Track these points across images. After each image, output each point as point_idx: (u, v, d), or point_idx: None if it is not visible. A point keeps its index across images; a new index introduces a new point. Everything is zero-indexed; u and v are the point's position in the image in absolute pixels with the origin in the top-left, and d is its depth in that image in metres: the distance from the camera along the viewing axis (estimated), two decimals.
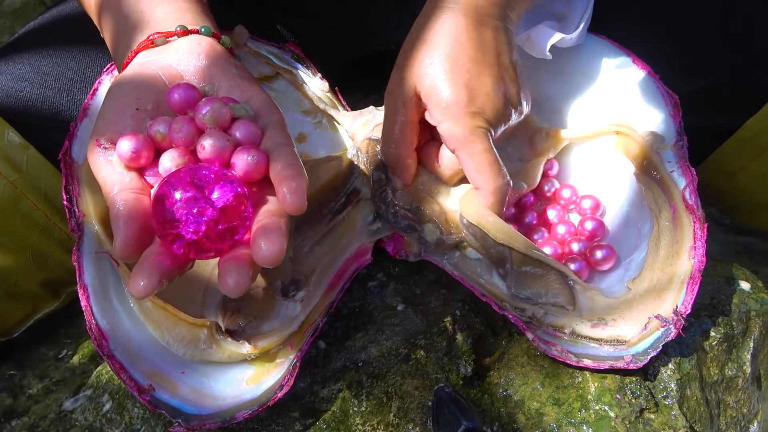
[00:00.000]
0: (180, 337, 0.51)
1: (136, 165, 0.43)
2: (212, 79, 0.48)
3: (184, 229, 0.39)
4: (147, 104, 0.45)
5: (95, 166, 0.44)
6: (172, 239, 0.39)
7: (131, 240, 0.40)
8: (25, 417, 0.60)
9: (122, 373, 0.48)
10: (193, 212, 0.39)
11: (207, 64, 0.48)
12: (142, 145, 0.43)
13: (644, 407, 0.51)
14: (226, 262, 0.39)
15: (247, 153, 0.42)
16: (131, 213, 0.41)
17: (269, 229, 0.39)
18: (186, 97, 0.45)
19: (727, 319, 0.56)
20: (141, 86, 0.46)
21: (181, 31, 0.49)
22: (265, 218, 0.40)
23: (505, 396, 0.53)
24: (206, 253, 0.40)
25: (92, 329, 0.49)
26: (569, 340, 0.52)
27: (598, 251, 0.57)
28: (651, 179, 0.57)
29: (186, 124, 0.43)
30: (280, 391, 0.49)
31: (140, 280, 0.38)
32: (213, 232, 0.39)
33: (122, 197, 0.42)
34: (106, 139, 0.44)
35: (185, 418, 0.47)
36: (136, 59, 0.48)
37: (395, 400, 0.52)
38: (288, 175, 0.41)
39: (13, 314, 0.62)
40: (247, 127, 0.44)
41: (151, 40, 0.48)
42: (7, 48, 0.67)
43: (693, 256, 0.52)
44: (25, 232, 0.59)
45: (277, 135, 0.45)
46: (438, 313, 0.57)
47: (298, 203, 0.40)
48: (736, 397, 0.56)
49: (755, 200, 0.70)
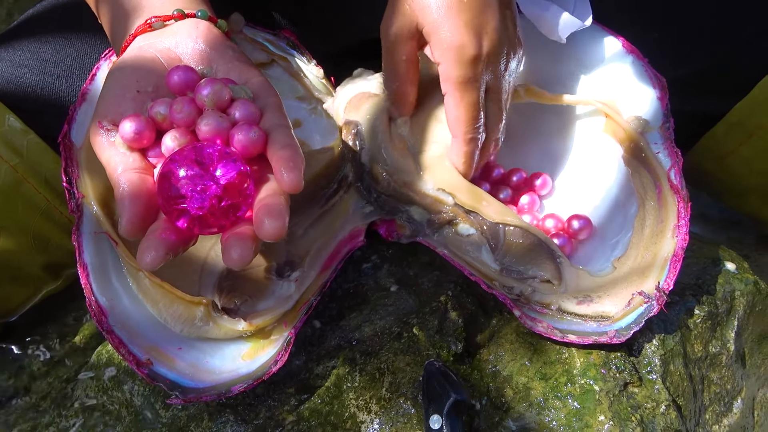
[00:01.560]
0: (177, 314, 0.52)
1: (139, 145, 0.45)
2: (210, 61, 0.49)
3: (190, 204, 0.40)
4: (147, 86, 0.47)
5: (98, 147, 0.45)
6: (177, 215, 0.41)
7: (137, 218, 0.41)
8: (27, 396, 0.62)
9: (121, 347, 0.49)
10: (197, 189, 0.40)
11: (205, 47, 0.49)
12: (144, 126, 0.44)
13: (628, 381, 0.52)
14: (230, 237, 0.41)
15: (248, 129, 0.43)
16: (136, 192, 0.42)
17: (271, 206, 0.40)
18: (185, 79, 0.46)
19: (712, 299, 0.58)
20: (141, 69, 0.47)
21: (179, 15, 0.50)
22: (267, 196, 0.42)
23: (494, 371, 0.54)
24: (210, 228, 0.42)
25: (92, 306, 0.50)
26: (555, 316, 0.53)
27: (575, 221, 0.60)
28: (638, 161, 0.58)
29: (187, 105, 0.44)
30: (275, 366, 0.50)
31: (148, 253, 0.39)
32: (217, 209, 0.41)
33: (126, 177, 0.43)
34: (108, 120, 0.45)
35: (182, 391, 0.49)
36: (135, 43, 0.49)
37: (387, 376, 0.53)
38: (285, 155, 0.42)
39: (15, 296, 0.63)
40: (246, 107, 0.45)
41: (149, 24, 0.49)
42: (7, 35, 0.68)
43: (677, 235, 0.53)
44: (27, 215, 0.60)
45: (275, 116, 0.46)
46: (430, 293, 0.59)
47: (295, 181, 0.41)
48: (720, 373, 0.57)
49: (744, 184, 0.71)
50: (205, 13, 0.51)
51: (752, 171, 0.68)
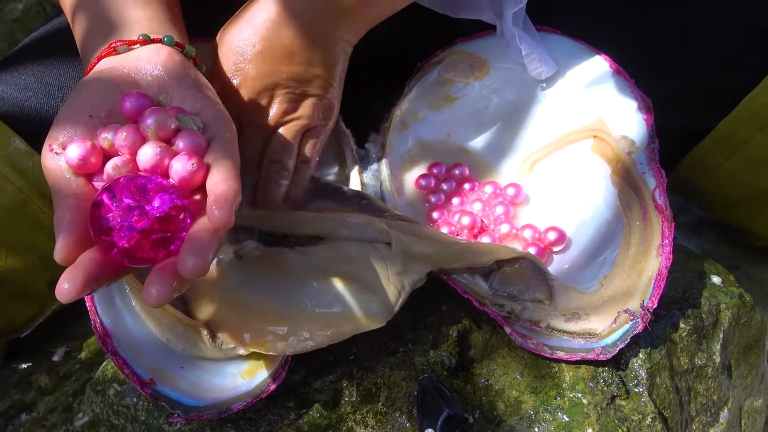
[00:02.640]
0: (178, 335, 0.54)
1: (84, 171, 0.44)
2: (167, 89, 0.49)
3: (117, 236, 0.39)
4: (100, 111, 0.46)
5: (46, 170, 0.45)
6: (106, 246, 0.40)
7: (71, 245, 0.40)
8: (34, 411, 0.64)
9: (125, 368, 0.51)
10: (127, 221, 0.39)
11: (163, 74, 0.49)
12: (90, 152, 0.43)
13: (615, 394, 0.54)
14: (153, 272, 0.39)
15: (186, 159, 0.42)
16: (73, 219, 0.41)
17: (197, 243, 0.39)
18: (137, 106, 0.46)
19: (698, 312, 0.60)
20: (96, 93, 0.47)
21: (143, 40, 0.50)
22: (197, 231, 0.40)
23: (486, 385, 0.56)
24: (139, 261, 0.40)
25: (97, 328, 0.52)
26: (545, 333, 0.55)
27: (551, 232, 0.62)
28: (624, 181, 0.60)
29: (131, 133, 0.44)
30: (273, 384, 0.52)
31: (65, 282, 0.38)
32: (146, 242, 0.40)
33: (66, 203, 0.42)
34: (58, 144, 0.44)
35: (184, 410, 0.51)
36: (98, 66, 0.50)
37: (383, 390, 0.55)
38: (219, 190, 0.41)
39: (22, 313, 0.65)
40: (192, 138, 0.44)
41: (114, 48, 0.50)
42: (12, 58, 0.70)
43: (661, 254, 0.55)
44: (32, 234, 0.62)
45: (222, 148, 0.45)
46: (425, 308, 0.60)
47: (225, 218, 0.39)
48: (707, 385, 0.59)
49: (731, 197, 0.73)
50: (171, 39, 0.51)
51: (738, 184, 0.70)
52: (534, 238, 0.63)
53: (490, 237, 0.64)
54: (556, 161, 0.66)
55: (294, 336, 0.53)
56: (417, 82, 0.73)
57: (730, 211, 0.76)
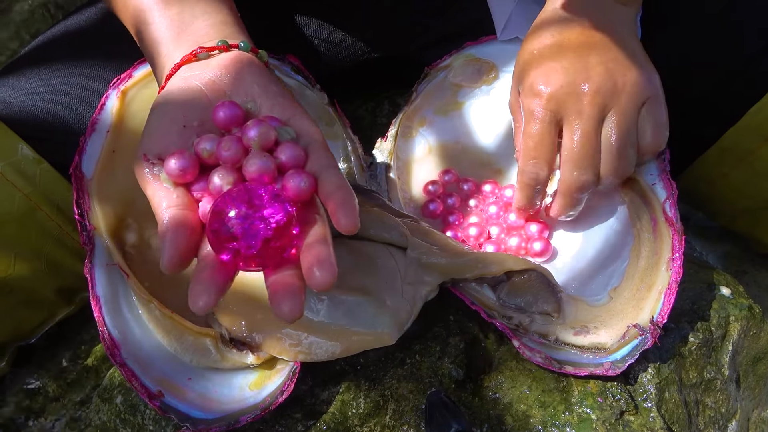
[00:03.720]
0: (187, 345, 0.54)
1: (183, 181, 0.45)
2: (254, 96, 0.49)
3: (241, 244, 0.41)
4: (193, 121, 0.47)
5: (143, 181, 0.46)
6: (227, 253, 0.42)
7: (178, 254, 0.42)
8: (41, 417, 0.64)
9: (134, 380, 0.51)
10: (249, 229, 0.41)
11: (249, 81, 0.50)
12: (189, 163, 0.45)
13: (624, 410, 0.54)
14: (280, 289, 0.41)
15: (299, 178, 0.44)
16: (178, 228, 0.43)
17: (321, 256, 0.40)
18: (230, 115, 0.47)
19: (707, 325, 0.59)
20: (186, 103, 0.48)
21: (223, 47, 0.51)
22: (315, 242, 0.42)
23: (494, 399, 0.56)
24: (257, 267, 0.42)
25: (105, 339, 0.52)
26: (553, 346, 0.55)
27: (537, 243, 0.62)
28: (634, 192, 0.60)
29: (234, 144, 0.45)
30: (281, 396, 0.52)
31: (200, 298, 0.40)
32: (266, 249, 0.41)
33: (170, 213, 0.43)
34: (153, 155, 0.46)
35: (193, 422, 0.51)
36: (179, 73, 0.50)
37: (391, 403, 0.55)
38: (339, 199, 0.43)
39: (30, 320, 0.65)
40: (292, 149, 0.46)
41: (194, 54, 0.50)
42: (19, 62, 0.69)
43: (671, 268, 0.55)
44: (40, 242, 0.62)
45: (322, 157, 0.46)
46: (432, 318, 0.60)
47: (352, 225, 0.42)
48: (715, 398, 0.59)
49: (736, 206, 0.73)
50: (247, 44, 0.52)
51: (743, 194, 0.70)
52: (520, 247, 0.63)
53: (495, 246, 0.64)
54: None
55: (306, 343, 0.53)
56: (425, 87, 0.73)
57: (734, 220, 0.76)
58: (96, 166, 0.59)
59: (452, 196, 0.67)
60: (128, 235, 0.59)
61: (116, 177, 0.60)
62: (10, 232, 0.60)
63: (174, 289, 0.58)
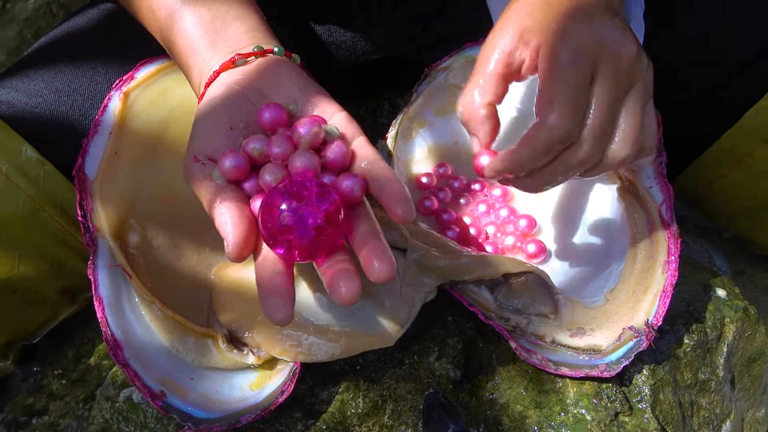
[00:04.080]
0: (188, 345, 0.55)
1: (236, 178, 0.48)
2: (294, 97, 0.52)
3: (293, 235, 0.44)
4: (238, 123, 0.50)
5: (193, 180, 0.49)
6: (281, 246, 0.44)
7: (241, 242, 0.45)
8: (45, 415, 0.65)
9: (136, 380, 0.52)
10: (300, 220, 0.43)
11: (288, 84, 0.52)
12: (242, 162, 0.48)
13: (619, 411, 0.55)
14: (336, 275, 0.44)
15: (351, 181, 0.47)
16: (237, 218, 0.45)
17: (378, 249, 0.44)
18: (275, 117, 0.50)
19: (702, 326, 0.60)
20: (231, 107, 0.50)
21: (259, 52, 0.53)
22: (368, 232, 0.45)
23: (491, 399, 0.56)
24: (309, 258, 0.45)
25: (108, 339, 0.53)
26: (549, 348, 0.56)
27: (531, 245, 0.63)
28: (631, 195, 0.60)
29: (285, 141, 0.48)
30: (281, 396, 0.53)
31: (278, 311, 0.43)
32: (318, 238, 0.44)
33: (226, 205, 0.46)
34: (203, 156, 0.49)
35: (195, 422, 0.52)
36: (219, 79, 0.52)
37: (389, 403, 0.56)
38: (393, 190, 0.46)
39: (34, 319, 0.66)
40: (340, 148, 0.49)
41: (233, 61, 0.52)
42: (22, 64, 0.70)
43: (666, 270, 0.55)
44: (44, 242, 0.63)
45: (368, 152, 0.49)
46: (431, 319, 0.61)
47: (409, 213, 0.45)
48: (709, 398, 0.60)
49: (733, 207, 0.74)
50: (281, 49, 0.54)
51: (740, 195, 0.71)
52: (515, 246, 0.64)
53: (492, 247, 0.65)
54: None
55: (306, 343, 0.54)
56: (425, 88, 0.73)
57: (731, 221, 0.77)
58: (99, 167, 0.60)
59: (443, 190, 0.68)
60: (131, 236, 0.59)
61: (119, 178, 0.61)
62: (15, 232, 0.61)
63: (175, 290, 0.59)
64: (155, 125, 0.64)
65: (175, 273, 0.60)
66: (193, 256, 0.62)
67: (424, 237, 0.60)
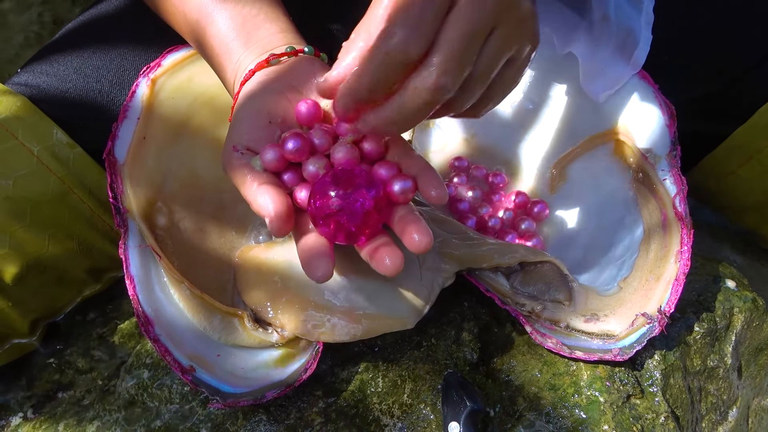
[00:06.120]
0: (215, 323, 0.57)
1: (276, 169, 0.51)
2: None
3: (345, 219, 0.48)
4: (277, 118, 0.53)
5: (231, 168, 0.51)
6: (327, 226, 0.48)
7: (284, 214, 0.48)
8: (71, 390, 0.67)
9: (167, 355, 0.54)
10: (352, 205, 0.47)
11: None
12: (281, 155, 0.51)
13: (631, 393, 0.56)
14: (378, 251, 0.48)
15: (402, 182, 0.49)
16: (277, 196, 0.48)
17: (417, 223, 0.47)
18: (312, 112, 0.53)
19: (711, 315, 0.62)
20: (270, 102, 0.53)
21: (292, 52, 0.56)
22: (407, 213, 0.49)
23: (506, 381, 0.58)
24: (355, 240, 0.49)
25: (139, 315, 0.55)
26: (564, 333, 0.58)
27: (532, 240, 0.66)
28: (645, 186, 0.62)
29: (324, 134, 0.52)
30: (305, 374, 0.55)
31: (318, 270, 0.47)
32: (366, 221, 0.48)
33: (265, 188, 0.49)
34: (242, 146, 0.52)
35: (222, 396, 0.53)
36: (255, 77, 0.55)
37: (408, 383, 0.58)
38: (427, 175, 0.49)
39: (61, 297, 0.68)
40: (376, 141, 0.52)
41: (267, 60, 0.55)
42: (50, 48, 0.72)
43: (679, 260, 0.57)
44: (73, 223, 0.64)
45: (400, 144, 0.52)
46: (448, 303, 0.63)
47: (442, 194, 0.48)
48: (717, 385, 0.62)
49: (743, 202, 0.75)
50: (311, 49, 0.57)
51: (751, 191, 0.73)
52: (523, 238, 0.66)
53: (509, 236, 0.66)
54: (579, 164, 0.68)
55: (328, 324, 0.56)
56: None
57: (741, 215, 0.79)
58: (128, 151, 0.62)
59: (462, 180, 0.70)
60: (159, 218, 0.61)
61: (147, 162, 0.63)
62: (45, 213, 0.63)
63: (201, 271, 0.61)
64: (181, 111, 0.66)
65: (200, 255, 0.62)
66: (217, 239, 0.63)
67: (444, 224, 0.62)
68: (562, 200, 0.68)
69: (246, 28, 0.58)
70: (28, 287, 0.63)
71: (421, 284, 0.58)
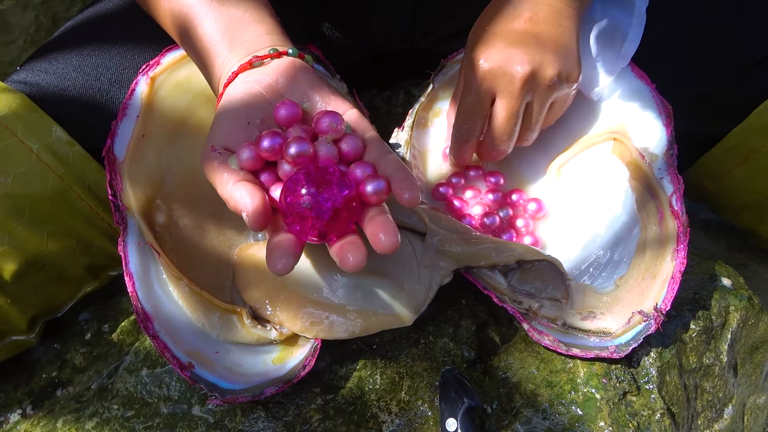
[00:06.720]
0: (214, 320, 0.57)
1: (252, 168, 0.52)
2: (309, 96, 0.55)
3: (312, 215, 0.47)
4: (255, 119, 0.53)
5: (209, 168, 0.52)
6: (299, 224, 0.48)
7: (261, 209, 0.48)
8: (70, 387, 0.67)
9: (166, 351, 0.54)
10: (321, 202, 0.47)
11: (303, 84, 0.56)
12: (257, 155, 0.51)
13: (627, 390, 0.57)
14: (344, 248, 0.48)
15: (375, 182, 0.49)
16: (253, 192, 0.49)
17: (384, 223, 0.47)
18: (291, 113, 0.53)
19: (707, 313, 0.62)
20: (249, 104, 0.54)
21: (275, 54, 0.56)
22: (377, 214, 0.49)
23: (504, 378, 0.59)
24: (322, 239, 0.49)
25: (138, 312, 0.55)
26: (561, 330, 0.58)
27: (527, 237, 0.66)
28: (642, 185, 0.62)
29: (302, 134, 0.51)
30: (303, 370, 0.55)
31: (279, 261, 0.47)
32: (335, 220, 0.48)
33: (241, 184, 0.49)
34: (221, 146, 0.52)
35: (221, 393, 0.54)
36: (238, 79, 0.56)
37: (406, 380, 0.58)
38: (400, 177, 0.49)
39: (60, 295, 0.68)
40: (354, 140, 0.52)
41: (250, 63, 0.56)
42: (49, 47, 0.72)
43: (675, 258, 0.57)
44: (72, 221, 0.64)
45: (378, 145, 0.53)
46: (445, 301, 0.63)
47: (414, 197, 0.48)
48: (713, 383, 0.62)
49: (739, 202, 0.76)
50: (295, 51, 0.57)
51: (747, 190, 0.73)
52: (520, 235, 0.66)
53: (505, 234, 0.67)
54: (577, 163, 0.68)
55: (327, 321, 0.56)
56: (441, 79, 0.75)
57: (738, 215, 0.79)
58: (127, 149, 0.62)
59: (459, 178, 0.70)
60: (158, 215, 0.61)
61: (146, 160, 0.63)
62: (44, 210, 0.63)
63: (200, 269, 0.61)
64: (180, 109, 0.66)
65: (199, 252, 0.62)
66: (216, 237, 0.64)
67: (442, 222, 0.62)
68: (559, 199, 0.68)
69: (231, 30, 0.58)
70: (27, 284, 0.64)
71: (419, 282, 0.58)
